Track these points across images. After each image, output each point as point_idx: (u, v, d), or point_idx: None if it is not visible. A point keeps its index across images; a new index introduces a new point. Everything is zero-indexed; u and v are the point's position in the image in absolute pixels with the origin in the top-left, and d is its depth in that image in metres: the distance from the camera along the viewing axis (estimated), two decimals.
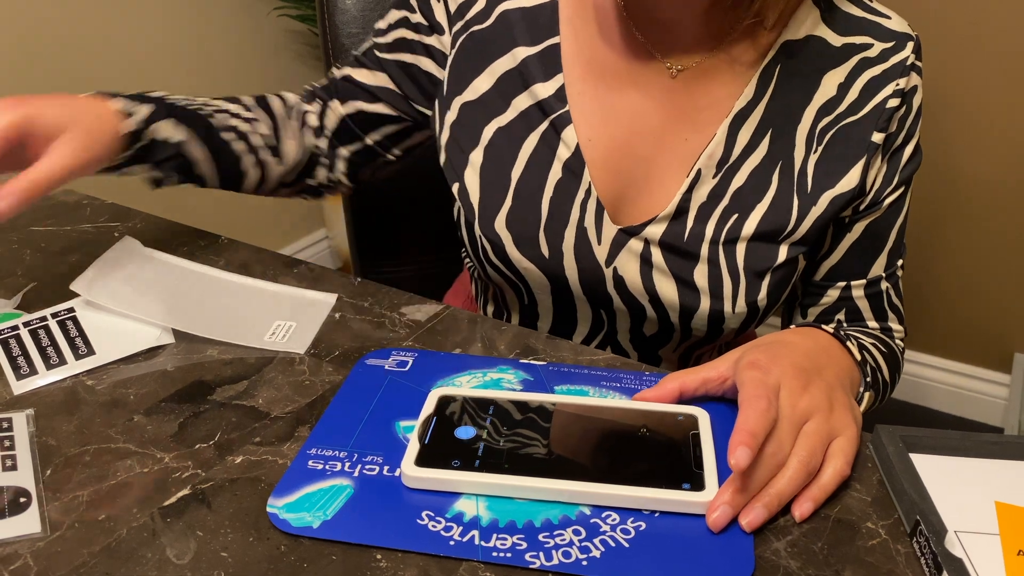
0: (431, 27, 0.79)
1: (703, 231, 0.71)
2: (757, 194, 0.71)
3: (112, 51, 1.72)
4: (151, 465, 0.54)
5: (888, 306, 0.78)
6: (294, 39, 2.17)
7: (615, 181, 0.73)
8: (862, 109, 0.71)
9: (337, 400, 0.60)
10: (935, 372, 1.90)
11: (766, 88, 0.71)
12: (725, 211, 0.71)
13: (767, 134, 0.71)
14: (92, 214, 0.89)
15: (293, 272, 0.79)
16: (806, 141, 0.71)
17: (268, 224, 2.24)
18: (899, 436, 0.56)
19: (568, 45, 0.74)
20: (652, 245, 0.72)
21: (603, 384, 0.63)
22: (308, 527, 0.49)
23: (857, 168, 0.71)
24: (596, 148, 0.73)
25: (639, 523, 0.50)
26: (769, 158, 0.71)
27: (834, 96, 0.71)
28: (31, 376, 0.63)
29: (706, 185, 0.71)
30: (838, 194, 0.71)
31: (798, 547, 0.49)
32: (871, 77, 0.71)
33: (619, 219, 0.73)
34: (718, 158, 0.71)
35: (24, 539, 0.49)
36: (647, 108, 0.72)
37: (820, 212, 0.71)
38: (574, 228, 0.73)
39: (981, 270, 1.77)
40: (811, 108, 0.71)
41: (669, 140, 0.72)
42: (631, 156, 0.73)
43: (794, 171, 0.71)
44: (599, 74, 0.73)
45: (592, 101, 0.73)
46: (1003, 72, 1.59)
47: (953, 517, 0.51)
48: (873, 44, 0.71)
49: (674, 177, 0.72)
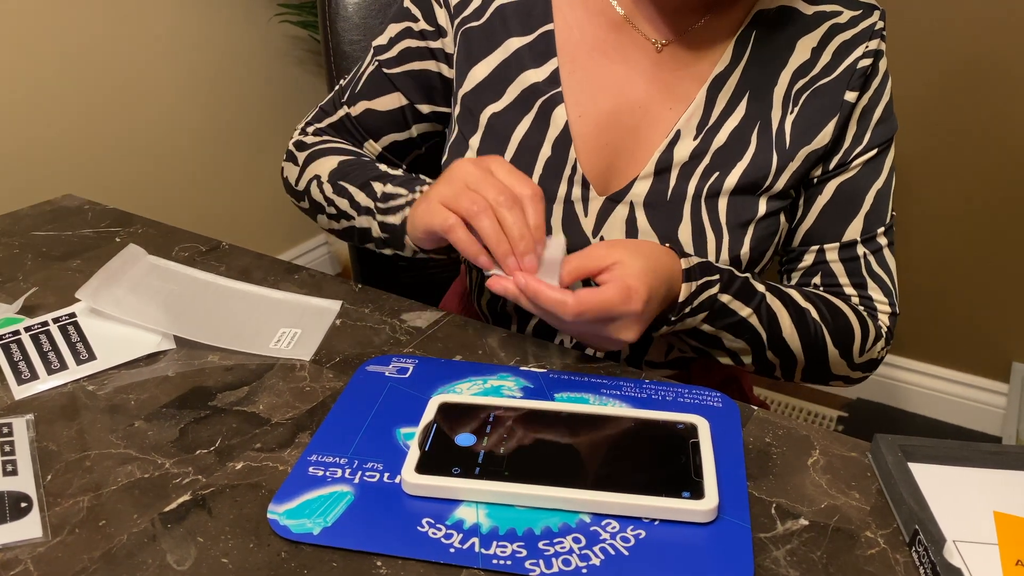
0: (436, 31, 0.80)
1: (685, 188, 0.74)
2: (737, 152, 0.74)
3: (113, 56, 1.73)
4: (152, 471, 0.54)
5: (868, 273, 0.77)
6: (295, 45, 2.17)
7: (602, 154, 0.76)
8: (835, 71, 0.75)
9: (338, 407, 0.61)
10: (933, 381, 1.91)
11: (742, 54, 0.75)
12: (706, 169, 0.74)
13: (744, 96, 0.75)
14: (93, 219, 0.89)
15: (294, 278, 0.79)
16: (782, 102, 0.75)
17: (269, 230, 2.24)
18: (898, 445, 0.57)
19: (562, 30, 0.77)
20: (637, 208, 0.75)
21: (603, 392, 0.63)
22: (308, 534, 0.49)
23: (831, 124, 0.74)
24: (586, 124, 0.76)
25: (639, 531, 0.50)
26: (748, 118, 0.75)
27: (808, 60, 0.75)
28: (32, 381, 0.63)
29: (687, 145, 0.74)
30: (813, 150, 0.74)
31: (797, 556, 0.49)
32: (842, 41, 0.75)
33: (606, 190, 0.76)
34: (697, 120, 0.75)
35: (25, 544, 0.49)
36: (633, 81, 0.76)
37: (797, 167, 0.74)
38: (562, 203, 0.76)
39: (980, 279, 1.77)
40: (786, 71, 0.75)
41: (654, 111, 0.76)
42: (618, 128, 0.76)
43: (772, 130, 0.75)
44: (587, 52, 0.76)
45: (582, 80, 0.76)
46: (1003, 72, 1.60)
47: (952, 527, 0.51)
48: (842, 12, 0.76)
49: (658, 144, 0.75)
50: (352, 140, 0.88)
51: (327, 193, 0.80)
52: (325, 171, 0.81)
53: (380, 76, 0.83)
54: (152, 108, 1.84)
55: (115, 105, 1.75)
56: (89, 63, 1.68)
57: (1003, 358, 1.82)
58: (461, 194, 0.62)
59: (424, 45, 0.81)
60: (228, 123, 2.04)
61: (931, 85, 1.65)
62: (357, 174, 0.78)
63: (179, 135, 1.92)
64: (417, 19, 0.81)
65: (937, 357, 1.89)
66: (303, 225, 2.35)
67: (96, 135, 1.73)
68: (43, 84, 1.61)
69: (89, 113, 1.70)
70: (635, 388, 0.63)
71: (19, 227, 0.87)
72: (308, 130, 0.90)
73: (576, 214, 0.76)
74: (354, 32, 1.02)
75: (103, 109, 1.73)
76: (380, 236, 0.75)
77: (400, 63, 0.82)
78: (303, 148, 0.87)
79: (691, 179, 0.74)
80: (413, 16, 0.81)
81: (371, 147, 0.87)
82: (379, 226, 0.75)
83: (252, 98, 2.09)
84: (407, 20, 0.82)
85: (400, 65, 0.82)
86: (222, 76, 1.99)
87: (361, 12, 1.02)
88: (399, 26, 0.82)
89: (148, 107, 1.83)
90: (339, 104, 0.87)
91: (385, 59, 0.83)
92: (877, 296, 0.77)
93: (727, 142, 0.74)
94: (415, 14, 0.81)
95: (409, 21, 0.81)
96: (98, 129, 1.73)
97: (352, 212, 0.78)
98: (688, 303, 0.66)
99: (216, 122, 2.01)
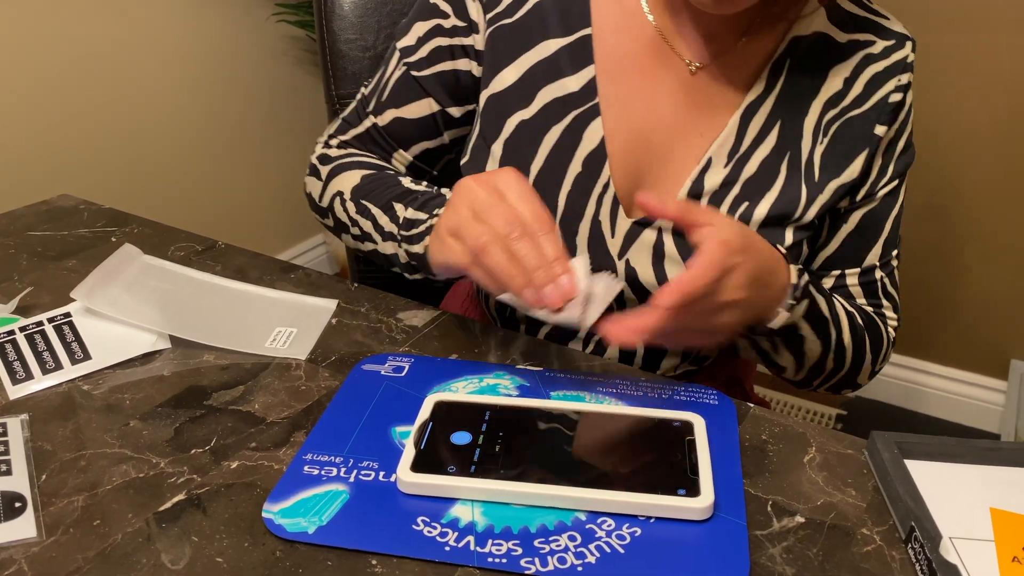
0: (468, 27, 0.76)
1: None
2: (766, 183, 0.73)
3: (110, 55, 1.73)
4: (147, 470, 0.54)
5: (882, 294, 0.79)
6: (292, 44, 2.17)
7: (631, 175, 0.74)
8: (866, 103, 0.73)
9: (333, 406, 0.60)
10: (932, 379, 1.91)
11: (776, 81, 0.73)
12: (736, 198, 0.73)
13: (776, 126, 0.73)
14: (89, 219, 0.89)
15: (290, 277, 0.79)
16: (812, 132, 0.73)
17: (266, 229, 2.24)
18: (894, 442, 0.57)
19: (599, 36, 0.74)
20: (665, 233, 0.73)
21: (599, 390, 0.63)
22: (303, 532, 0.49)
23: (861, 158, 0.73)
24: (615, 141, 0.73)
25: (635, 529, 0.50)
26: (778, 148, 0.73)
27: (840, 90, 0.73)
28: (27, 381, 0.63)
29: (718, 173, 0.73)
30: (842, 183, 0.73)
31: (793, 553, 0.49)
32: (874, 73, 0.73)
33: (632, 212, 0.74)
34: (729, 148, 0.73)
35: (19, 544, 0.48)
36: (664, 103, 0.74)
37: (826, 200, 0.73)
38: (589, 221, 0.73)
39: (978, 277, 1.77)
40: (818, 101, 0.73)
41: (684, 134, 0.74)
42: (647, 150, 0.74)
43: (801, 161, 0.73)
44: (621, 64, 0.73)
45: (615, 94, 0.73)
46: (1002, 74, 1.60)
47: (948, 523, 0.51)
48: (876, 41, 0.74)
49: (687, 169, 0.73)
50: (380, 151, 0.83)
51: (350, 212, 0.76)
52: (348, 187, 0.77)
53: (408, 81, 0.79)
54: (148, 107, 1.83)
55: (111, 104, 1.75)
56: (85, 63, 1.68)
57: (1002, 355, 1.82)
58: (468, 225, 0.58)
59: (456, 43, 0.76)
60: (225, 122, 2.04)
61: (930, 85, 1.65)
62: (379, 192, 0.74)
63: (175, 134, 1.92)
64: (447, 15, 0.76)
65: (936, 355, 1.89)
66: (301, 225, 2.35)
67: (92, 135, 1.73)
68: (39, 84, 1.60)
69: (85, 113, 1.70)
70: (631, 386, 0.63)
71: (15, 227, 0.87)
72: (332, 143, 0.85)
73: (602, 234, 0.73)
74: (350, 31, 1.02)
75: (99, 109, 1.73)
76: (408, 263, 0.71)
77: (430, 64, 0.77)
78: (326, 162, 0.82)
79: (721, 207, 0.72)
80: (442, 12, 0.76)
81: (401, 157, 0.83)
82: (405, 254, 0.70)
83: (249, 97, 2.08)
84: (436, 17, 0.77)
85: (430, 67, 0.77)
86: (219, 75, 1.99)
87: (357, 11, 1.02)
88: (427, 24, 0.77)
89: (144, 106, 1.83)
90: (364, 114, 0.82)
91: (414, 61, 0.78)
92: (889, 313, 0.80)
93: (757, 172, 0.72)
94: (444, 10, 0.76)
95: (438, 18, 0.77)
96: (94, 129, 1.73)
97: (376, 236, 0.74)
98: (797, 286, 0.65)
99: (213, 121, 2.01)
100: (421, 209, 0.69)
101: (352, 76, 1.00)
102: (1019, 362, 1.79)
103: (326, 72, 1.02)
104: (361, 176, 0.77)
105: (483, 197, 0.58)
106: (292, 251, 2.34)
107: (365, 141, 0.83)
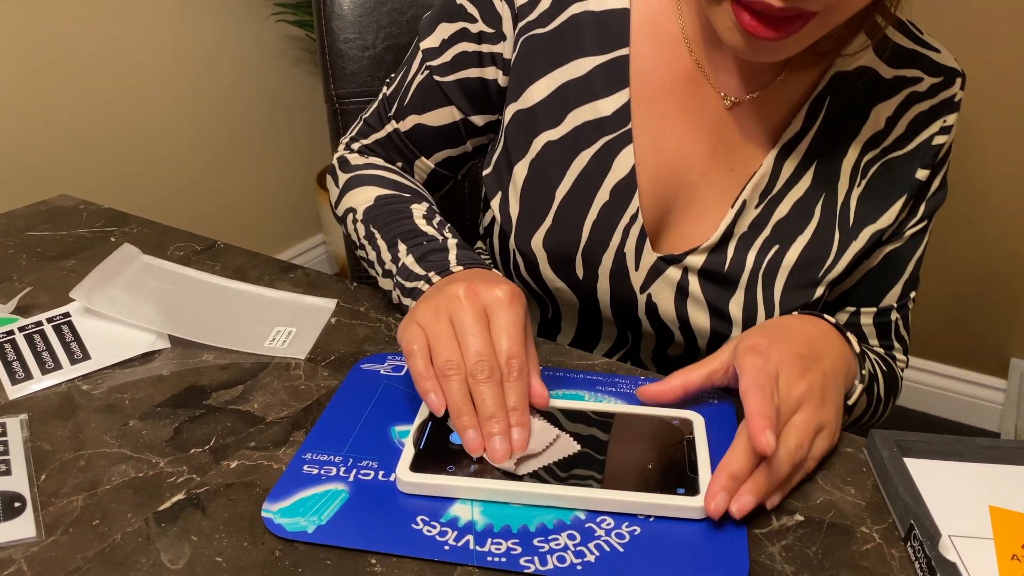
0: (496, 33, 0.72)
1: (744, 260, 0.70)
2: (799, 225, 0.70)
3: (108, 55, 1.73)
4: (146, 470, 0.54)
5: (895, 336, 0.77)
6: (291, 44, 2.17)
7: (658, 208, 0.71)
8: (908, 144, 0.70)
9: (332, 405, 0.60)
10: (932, 377, 1.91)
11: (815, 120, 0.70)
12: (767, 241, 0.70)
13: (812, 165, 0.70)
14: (88, 219, 0.89)
15: (289, 277, 0.79)
16: (851, 174, 0.70)
17: (265, 229, 2.24)
18: (894, 440, 0.57)
19: (637, 59, 0.70)
20: (691, 273, 0.70)
21: (598, 388, 0.63)
22: (303, 532, 0.49)
23: (899, 203, 0.70)
24: (644, 172, 0.70)
25: (634, 527, 0.50)
26: (813, 190, 0.70)
27: (881, 130, 0.70)
28: (26, 381, 0.63)
29: (749, 215, 0.70)
30: (878, 229, 0.70)
31: (793, 551, 0.49)
32: (919, 112, 0.70)
33: (658, 246, 0.71)
34: (762, 188, 0.70)
35: (18, 544, 0.48)
36: (697, 136, 0.70)
37: (860, 247, 0.70)
38: (613, 252, 0.70)
39: (978, 275, 1.77)
40: (858, 141, 0.70)
41: (715, 170, 0.70)
42: (676, 183, 0.70)
43: (837, 204, 0.70)
44: (655, 94, 0.70)
45: (648, 122, 0.70)
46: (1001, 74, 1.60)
47: (947, 521, 0.51)
48: (923, 78, 0.70)
49: (716, 207, 0.71)
50: (402, 158, 0.80)
51: (360, 234, 0.74)
52: (361, 206, 0.74)
53: (431, 86, 0.75)
54: (148, 107, 1.84)
55: (110, 105, 1.75)
56: (84, 63, 1.68)
57: (1002, 354, 1.82)
58: (440, 339, 0.54)
59: (482, 49, 0.73)
60: (224, 122, 2.04)
61: None
62: (389, 222, 0.71)
63: (175, 134, 1.92)
64: (475, 19, 0.72)
65: (936, 353, 1.89)
66: (300, 224, 2.35)
67: (91, 135, 1.73)
68: (38, 84, 1.60)
69: (84, 113, 1.70)
70: (630, 385, 0.63)
71: (14, 227, 0.87)
72: (353, 147, 0.82)
73: (626, 266, 0.71)
74: (350, 31, 1.02)
75: (98, 109, 1.73)
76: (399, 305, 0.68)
77: (454, 70, 0.74)
78: (347, 168, 0.79)
79: (750, 251, 0.70)
80: (470, 15, 0.73)
81: (423, 164, 0.80)
82: (397, 298, 0.67)
83: (249, 97, 2.09)
84: (463, 20, 0.73)
85: (454, 72, 0.74)
86: (218, 75, 1.99)
87: (356, 11, 1.02)
88: (453, 27, 0.73)
89: (144, 106, 1.83)
90: (386, 118, 0.79)
91: (437, 65, 0.74)
92: (899, 356, 0.78)
93: (789, 214, 0.69)
94: (472, 13, 0.72)
95: (465, 21, 0.73)
96: (93, 129, 1.73)
97: (377, 268, 0.71)
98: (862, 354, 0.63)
99: (212, 121, 2.01)
100: (420, 261, 0.65)
101: (351, 76, 1.00)
102: (1019, 361, 1.79)
103: (325, 72, 1.02)
104: (376, 196, 0.74)
105: (467, 318, 0.55)
106: (291, 251, 2.34)
107: (387, 147, 0.81)
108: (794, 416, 0.53)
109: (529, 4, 0.71)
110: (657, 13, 0.70)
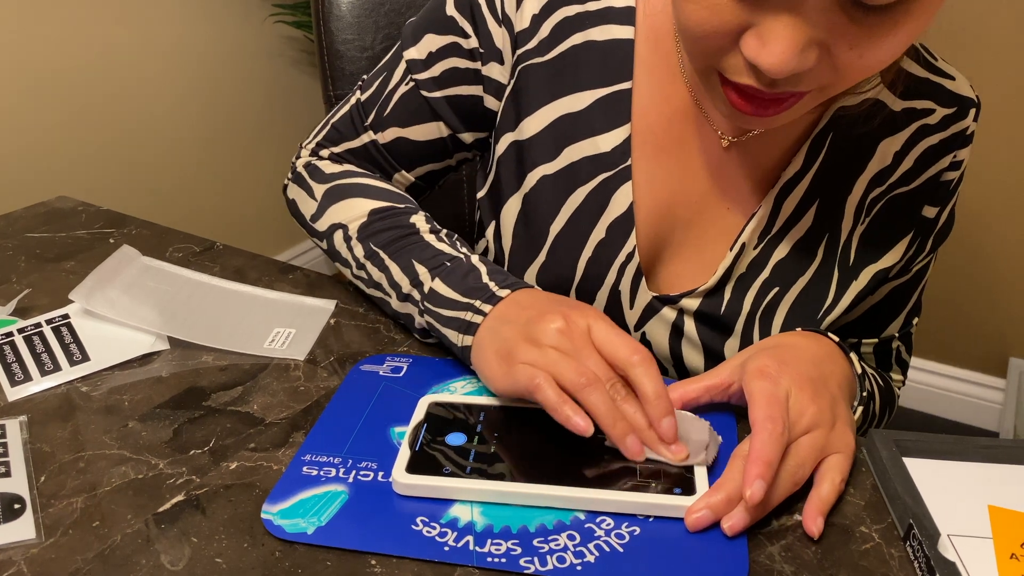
0: (488, 53, 0.69)
1: (741, 303, 0.68)
2: (799, 266, 0.67)
3: (107, 57, 1.73)
4: (145, 471, 0.54)
5: (895, 361, 0.76)
6: (290, 45, 2.17)
7: (653, 246, 0.69)
8: (916, 180, 0.67)
9: (332, 406, 0.60)
10: (931, 376, 1.91)
11: (815, 158, 0.66)
12: (765, 283, 0.68)
13: (813, 205, 0.67)
14: (87, 220, 0.89)
15: (288, 278, 0.79)
16: (855, 212, 0.67)
17: (264, 230, 2.24)
18: (893, 440, 0.57)
19: (640, 93, 0.67)
20: (686, 315, 0.69)
21: None
22: (302, 533, 0.49)
23: (904, 242, 0.68)
24: (640, 210, 0.68)
25: (634, 528, 0.50)
26: (814, 230, 0.67)
27: (888, 165, 0.67)
28: (25, 383, 0.63)
29: (747, 256, 0.68)
30: (881, 268, 0.68)
31: (792, 551, 0.49)
32: (929, 146, 0.67)
33: (652, 284, 0.69)
34: (760, 230, 0.67)
35: (18, 545, 0.48)
36: (694, 174, 0.68)
37: (862, 287, 0.68)
38: (607, 290, 0.69)
39: (977, 275, 1.77)
40: (863, 177, 0.67)
41: (711, 209, 0.68)
42: (672, 221, 0.68)
43: (839, 244, 0.67)
44: (653, 130, 0.67)
45: (645, 159, 0.67)
46: (1001, 74, 1.60)
47: (946, 521, 0.51)
48: (935, 110, 0.67)
49: (712, 247, 0.69)
50: (379, 170, 0.76)
51: (356, 253, 0.69)
52: (352, 222, 0.70)
53: (417, 100, 0.72)
54: (146, 109, 1.83)
55: (109, 106, 1.75)
56: (82, 64, 1.68)
57: (1000, 353, 1.82)
58: (559, 362, 0.53)
59: (474, 67, 0.69)
60: (223, 123, 2.04)
61: None
62: (394, 241, 0.68)
63: (173, 136, 1.92)
64: (467, 35, 0.69)
65: (934, 352, 1.90)
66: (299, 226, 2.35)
67: (90, 136, 1.72)
68: (36, 86, 1.60)
69: (83, 114, 1.70)
70: None
71: (13, 228, 0.87)
72: (322, 153, 0.78)
73: (621, 304, 0.69)
74: (348, 32, 1.02)
75: (97, 110, 1.73)
76: (423, 329, 0.66)
77: (442, 86, 0.70)
78: (320, 178, 0.74)
79: (747, 293, 0.67)
80: (462, 31, 0.69)
81: (402, 177, 0.77)
82: (427, 326, 0.64)
83: (247, 98, 2.08)
84: (453, 34, 0.69)
85: (442, 88, 0.70)
86: (217, 76, 1.99)
87: (355, 11, 1.02)
88: (442, 40, 0.69)
89: (142, 108, 1.83)
90: (362, 127, 0.75)
91: (424, 79, 0.70)
92: (896, 376, 0.77)
93: (789, 255, 0.67)
94: (464, 28, 0.69)
95: (456, 36, 0.69)
96: (92, 130, 1.73)
97: (389, 291, 0.67)
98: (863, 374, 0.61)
99: (211, 122, 2.01)
100: (456, 288, 0.62)
101: (350, 76, 1.00)
102: (1018, 360, 1.79)
103: (324, 72, 1.02)
104: (369, 211, 0.70)
105: (568, 341, 0.54)
106: (290, 252, 2.34)
107: (362, 157, 0.76)
108: (802, 437, 0.52)
109: (528, 31, 0.67)
110: (659, 44, 0.67)
